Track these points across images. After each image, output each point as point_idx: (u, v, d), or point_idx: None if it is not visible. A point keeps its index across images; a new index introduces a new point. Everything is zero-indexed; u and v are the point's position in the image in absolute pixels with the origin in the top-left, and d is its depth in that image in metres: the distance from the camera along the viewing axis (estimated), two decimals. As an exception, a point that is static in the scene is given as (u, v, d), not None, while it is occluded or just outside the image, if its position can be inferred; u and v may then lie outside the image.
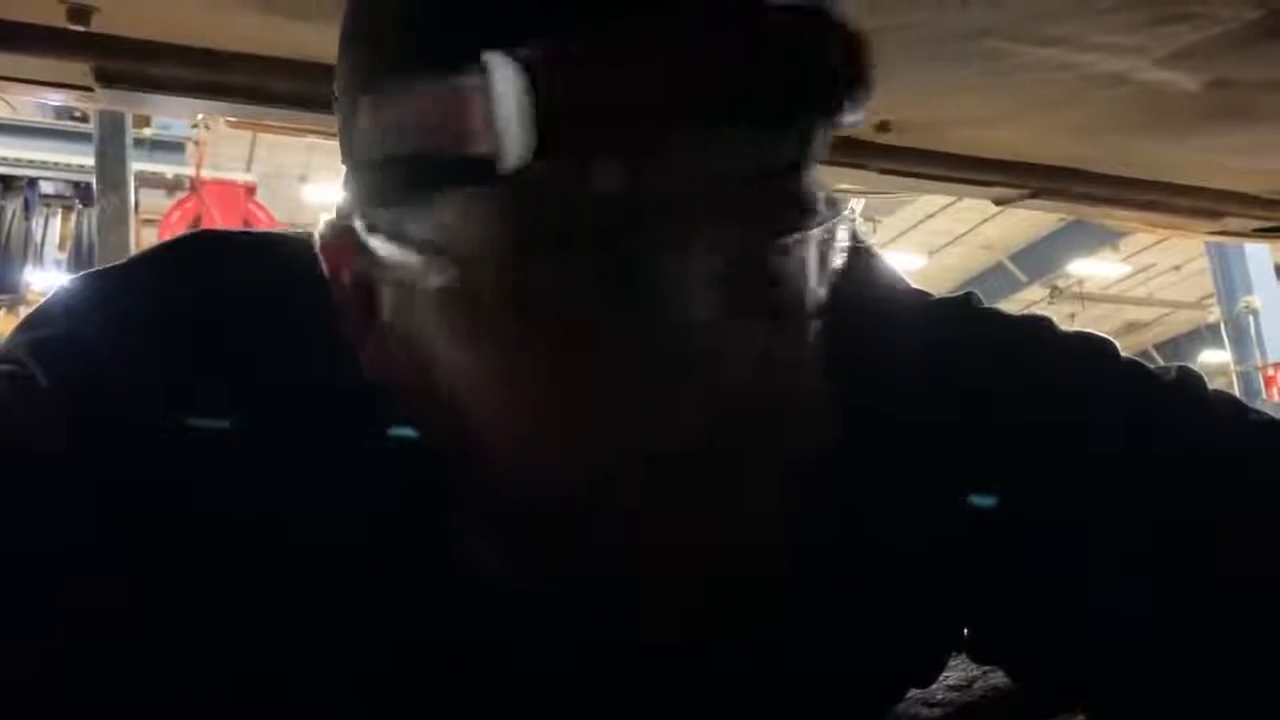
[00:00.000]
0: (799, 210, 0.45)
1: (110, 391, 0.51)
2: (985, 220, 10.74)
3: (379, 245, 0.47)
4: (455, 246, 0.45)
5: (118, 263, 0.58)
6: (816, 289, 0.47)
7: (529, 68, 0.40)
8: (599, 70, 0.41)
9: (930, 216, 10.95)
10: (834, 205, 0.47)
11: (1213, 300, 9.16)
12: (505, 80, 0.41)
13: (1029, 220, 10.54)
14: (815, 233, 0.46)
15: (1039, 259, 12.14)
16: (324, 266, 0.51)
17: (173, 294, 0.54)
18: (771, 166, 0.43)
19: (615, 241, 0.43)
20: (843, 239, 0.48)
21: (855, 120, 0.45)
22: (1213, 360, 10.74)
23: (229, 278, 0.55)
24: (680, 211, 0.42)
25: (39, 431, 0.50)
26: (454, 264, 0.45)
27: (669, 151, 0.41)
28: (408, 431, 0.51)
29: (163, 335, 0.52)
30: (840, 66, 0.44)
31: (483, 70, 0.41)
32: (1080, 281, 12.92)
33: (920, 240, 11.60)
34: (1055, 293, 12.63)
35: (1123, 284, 13.38)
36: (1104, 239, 11.30)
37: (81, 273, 0.58)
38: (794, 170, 0.44)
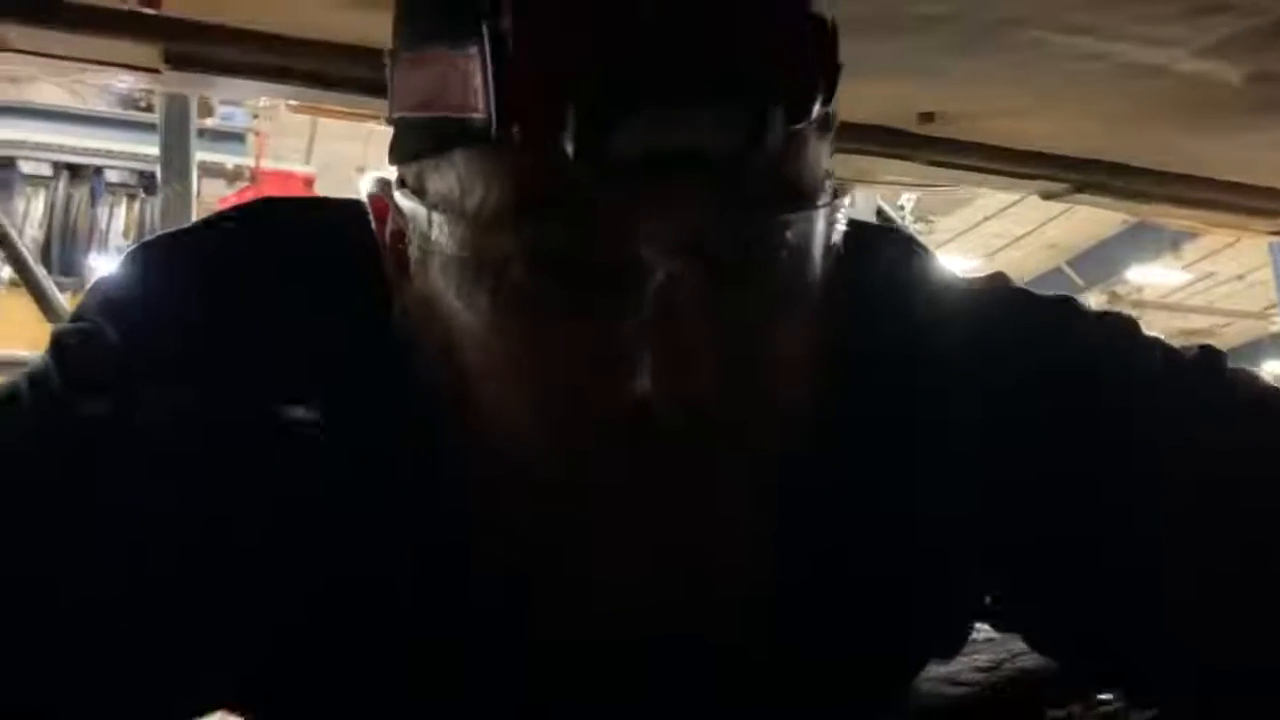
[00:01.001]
0: (770, 191, 0.47)
1: (170, 348, 0.54)
2: (1045, 223, 10.58)
3: (403, 200, 0.51)
4: (454, 204, 0.48)
5: (184, 226, 0.62)
6: (802, 268, 0.49)
7: (502, 39, 0.44)
8: (564, 43, 0.44)
9: (988, 218, 10.81)
10: (837, 193, 0.50)
11: (1276, 310, 8.96)
12: (486, 51, 0.45)
13: (1089, 223, 10.37)
14: (797, 215, 0.48)
15: (1098, 264, 11.94)
16: (372, 221, 0.54)
17: (233, 255, 0.58)
18: (728, 146, 0.45)
19: (576, 209, 0.46)
20: (839, 224, 0.50)
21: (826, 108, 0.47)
22: (1277, 370, 10.51)
23: (287, 240, 0.58)
24: (637, 185, 0.45)
25: (107, 384, 0.54)
26: (453, 220, 0.48)
27: (626, 125, 0.44)
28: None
29: (222, 295, 0.56)
30: (806, 53, 0.46)
31: (474, 40, 0.45)
32: (1139, 289, 12.69)
33: (978, 242, 11.45)
34: (1113, 299, 12.42)
35: (1183, 292, 13.12)
36: (1165, 245, 11.08)
37: (151, 236, 0.62)
38: (761, 151, 0.45)
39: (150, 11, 0.86)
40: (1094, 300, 12.16)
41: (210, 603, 0.53)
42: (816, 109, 0.47)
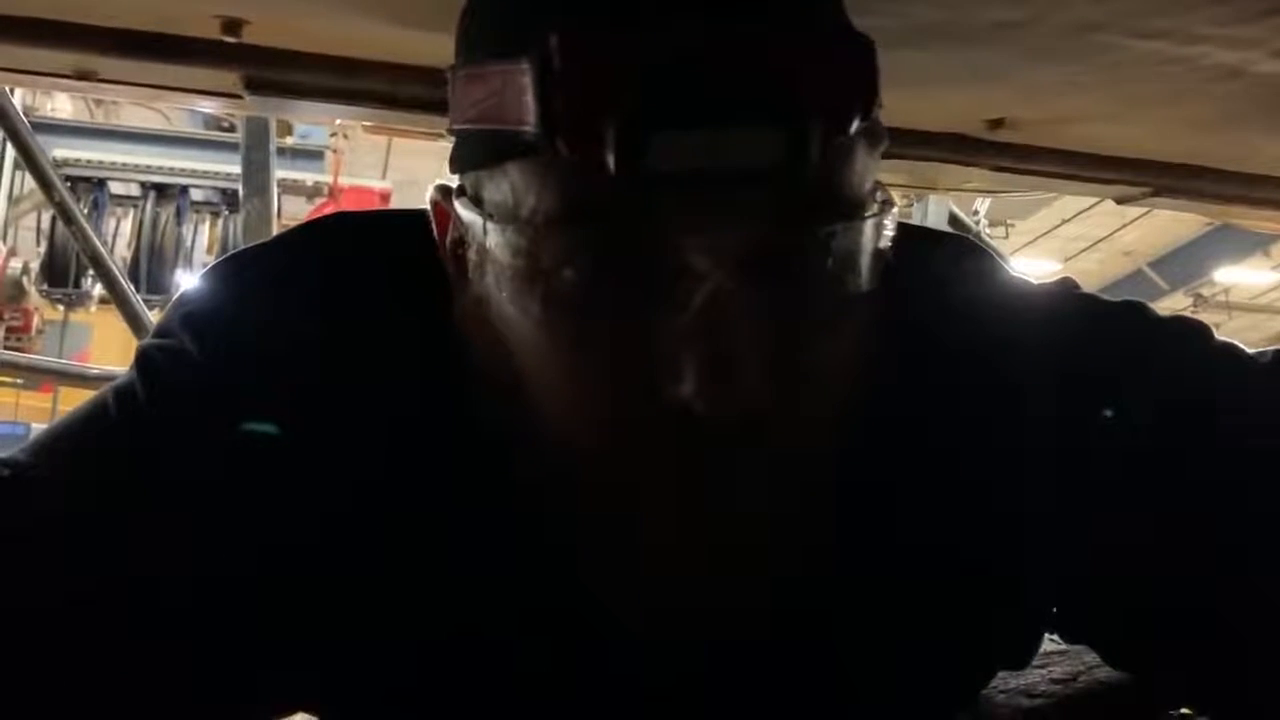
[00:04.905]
0: (813, 203, 0.49)
1: (250, 360, 0.57)
2: (1124, 225, 10.35)
3: (462, 209, 0.53)
4: (508, 212, 0.50)
5: (256, 243, 0.65)
6: (848, 276, 0.50)
7: (549, 59, 0.46)
8: (605, 65, 0.46)
9: (1066, 221, 10.60)
10: (885, 205, 0.50)
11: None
12: (535, 70, 0.46)
13: (1172, 225, 10.11)
14: (841, 225, 0.49)
15: (1182, 266, 11.64)
16: (434, 228, 0.56)
17: (306, 267, 0.60)
18: (766, 164, 0.46)
19: (621, 220, 0.48)
20: (887, 231, 0.51)
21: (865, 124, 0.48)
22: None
23: (355, 251, 0.61)
24: (680, 199, 0.47)
25: (190, 398, 0.56)
26: (506, 228, 0.50)
27: (664, 144, 0.46)
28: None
29: (293, 302, 0.58)
30: (842, 71, 0.47)
31: (525, 58, 0.47)
32: (1226, 290, 12.33)
33: (1055, 246, 11.23)
34: (1199, 301, 12.08)
35: (1276, 292, 12.72)
36: (1254, 244, 10.75)
37: (226, 254, 0.65)
38: (800, 168, 0.47)
39: (231, 40, 0.89)
40: (1178, 303, 11.85)
41: (272, 616, 0.55)
42: (855, 125, 0.47)
